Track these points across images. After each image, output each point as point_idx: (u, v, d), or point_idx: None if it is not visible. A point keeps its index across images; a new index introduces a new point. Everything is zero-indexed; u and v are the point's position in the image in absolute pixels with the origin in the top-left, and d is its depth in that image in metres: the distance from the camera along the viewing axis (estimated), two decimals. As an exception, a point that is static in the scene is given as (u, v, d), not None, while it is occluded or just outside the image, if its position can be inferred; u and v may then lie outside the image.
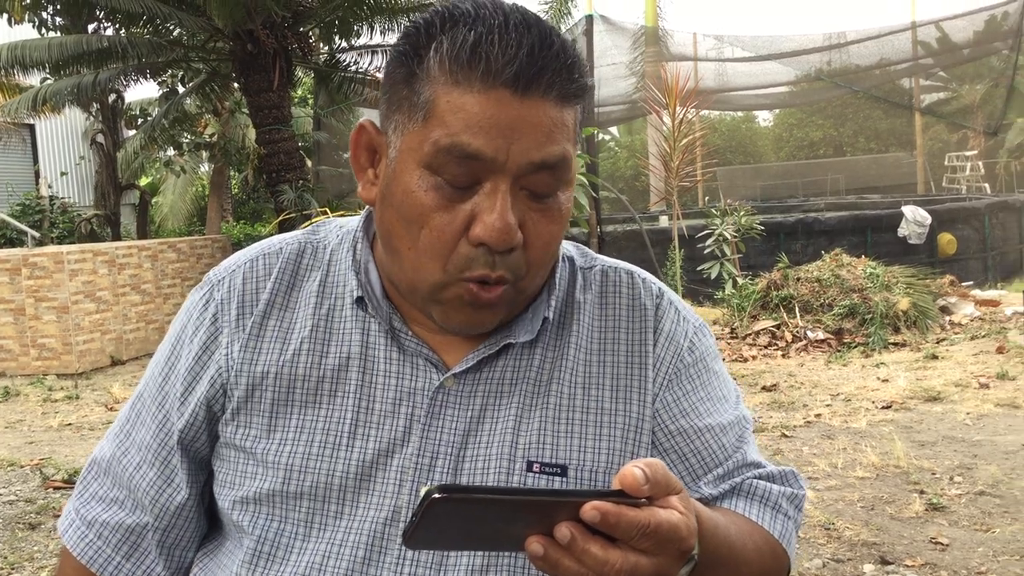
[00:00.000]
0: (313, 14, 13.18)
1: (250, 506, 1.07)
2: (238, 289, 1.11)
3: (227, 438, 1.09)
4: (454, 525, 0.73)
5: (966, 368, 8.01)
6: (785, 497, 1.11)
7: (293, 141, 13.28)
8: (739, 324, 10.16)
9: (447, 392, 1.05)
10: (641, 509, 0.75)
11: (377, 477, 1.04)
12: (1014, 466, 5.36)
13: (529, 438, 1.05)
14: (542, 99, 0.93)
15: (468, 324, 1.01)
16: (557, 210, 0.98)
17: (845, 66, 19.25)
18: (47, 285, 10.30)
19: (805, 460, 5.68)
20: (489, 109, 0.91)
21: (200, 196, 24.42)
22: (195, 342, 1.11)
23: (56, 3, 12.69)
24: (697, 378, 1.12)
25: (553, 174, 0.95)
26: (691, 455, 1.09)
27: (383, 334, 1.07)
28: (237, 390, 1.08)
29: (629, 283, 1.15)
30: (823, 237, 13.82)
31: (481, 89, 0.91)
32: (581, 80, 0.97)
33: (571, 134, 0.97)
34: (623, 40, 17.54)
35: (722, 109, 29.17)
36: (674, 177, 11.73)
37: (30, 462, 6.38)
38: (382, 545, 1.02)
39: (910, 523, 4.59)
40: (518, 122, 0.92)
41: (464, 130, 0.92)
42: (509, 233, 0.93)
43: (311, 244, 1.14)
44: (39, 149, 21.30)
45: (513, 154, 0.92)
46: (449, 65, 0.92)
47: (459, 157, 0.92)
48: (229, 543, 1.12)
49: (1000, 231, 15.97)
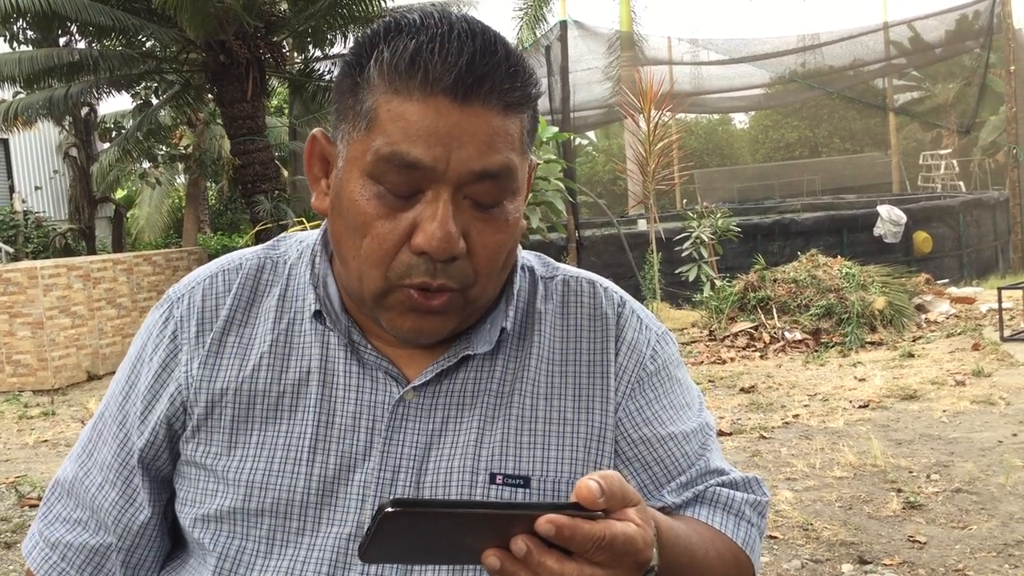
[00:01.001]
0: (286, 24, 13.15)
1: (211, 524, 1.06)
2: (197, 306, 1.11)
3: (188, 456, 1.08)
4: (409, 538, 0.73)
5: (942, 366, 8.05)
6: (748, 504, 1.10)
7: (268, 151, 13.25)
8: (717, 326, 10.19)
9: (407, 405, 1.05)
10: (596, 522, 0.75)
11: (339, 493, 1.03)
12: (990, 463, 5.39)
13: (492, 450, 1.04)
14: (483, 107, 0.92)
15: (416, 332, 0.99)
16: (503, 220, 0.97)
17: (819, 67, 19.38)
18: (21, 301, 10.22)
19: (783, 461, 5.69)
20: (428, 118, 0.91)
21: (176, 208, 24.30)
22: (155, 360, 1.10)
23: (26, 16, 12.59)
24: (660, 386, 1.12)
25: (496, 183, 0.95)
26: (654, 463, 1.08)
27: (342, 348, 1.06)
28: (197, 407, 1.07)
29: (591, 292, 1.14)
30: (799, 238, 13.90)
31: (420, 97, 0.91)
32: (525, 88, 0.96)
33: (516, 143, 0.96)
34: (598, 45, 17.60)
35: (698, 112, 29.33)
36: (651, 180, 11.77)
37: (5, 480, 6.31)
38: (346, 561, 1.01)
39: (888, 522, 4.61)
40: (457, 131, 0.91)
41: (403, 139, 0.91)
42: (449, 242, 0.92)
43: (271, 259, 1.14)
44: (12, 163, 21.15)
45: (453, 163, 0.92)
46: (388, 74, 0.92)
47: (399, 166, 0.92)
48: (193, 561, 1.11)
49: (975, 229, 16.10)
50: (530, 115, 0.99)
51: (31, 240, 18.11)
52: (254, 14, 11.98)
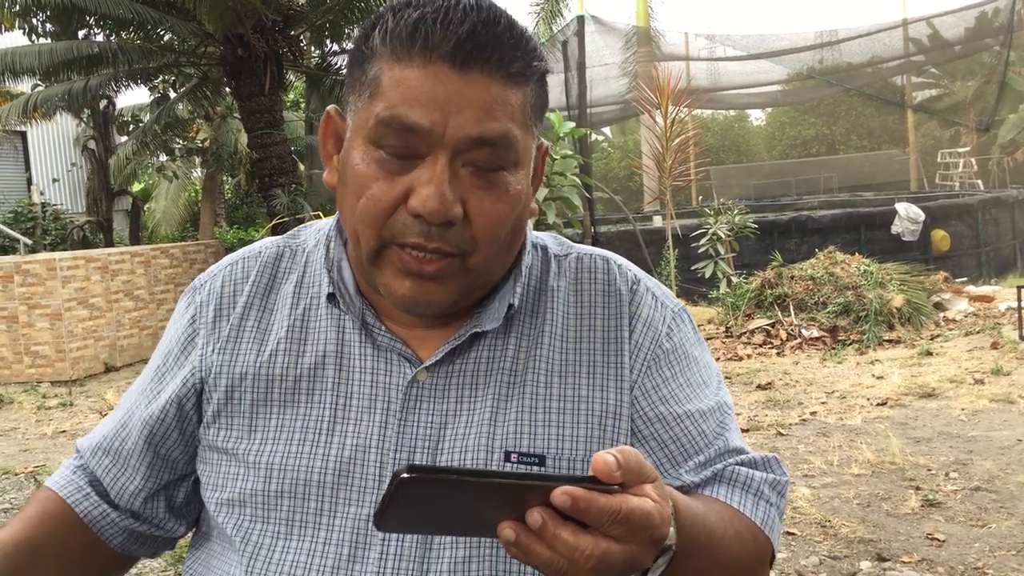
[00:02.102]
0: (303, 18, 13.16)
1: (234, 509, 1.07)
2: (216, 292, 1.14)
3: (210, 441, 1.11)
4: (424, 507, 0.73)
5: (961, 364, 8.01)
6: (767, 483, 1.09)
7: (285, 145, 13.26)
8: (734, 323, 10.16)
9: (420, 386, 1.05)
10: (613, 496, 0.75)
11: (356, 473, 1.04)
12: (1009, 461, 5.36)
13: (506, 428, 1.04)
14: (483, 75, 0.93)
15: (414, 299, 1.00)
16: (504, 189, 0.97)
17: (837, 64, 19.27)
18: (40, 292, 10.27)
19: (801, 458, 5.68)
20: (427, 83, 0.93)
21: (193, 201, 24.35)
22: (175, 344, 1.15)
23: (46, 9, 12.63)
24: (676, 364, 1.11)
25: (494, 151, 0.95)
26: (671, 442, 1.08)
27: (357, 331, 1.08)
28: (216, 392, 1.10)
29: (604, 268, 1.14)
30: (817, 235, 13.83)
31: (421, 64, 0.93)
32: (528, 60, 0.97)
33: (517, 115, 0.97)
34: (615, 40, 17.54)
35: (714, 108, 29.20)
36: (667, 177, 11.73)
37: (24, 470, 6.35)
38: (365, 542, 1.02)
39: (906, 519, 4.58)
40: (456, 96, 0.93)
41: (402, 103, 0.93)
42: (443, 204, 0.93)
43: (290, 247, 1.17)
44: (31, 156, 21.24)
45: (451, 128, 0.93)
46: (391, 42, 0.94)
47: (397, 129, 0.94)
48: (217, 547, 1.12)
49: (993, 227, 16.00)
50: (535, 90, 1.00)
51: (49, 232, 18.20)
52: (272, 8, 11.99)
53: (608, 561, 0.75)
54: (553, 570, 0.75)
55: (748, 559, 1.04)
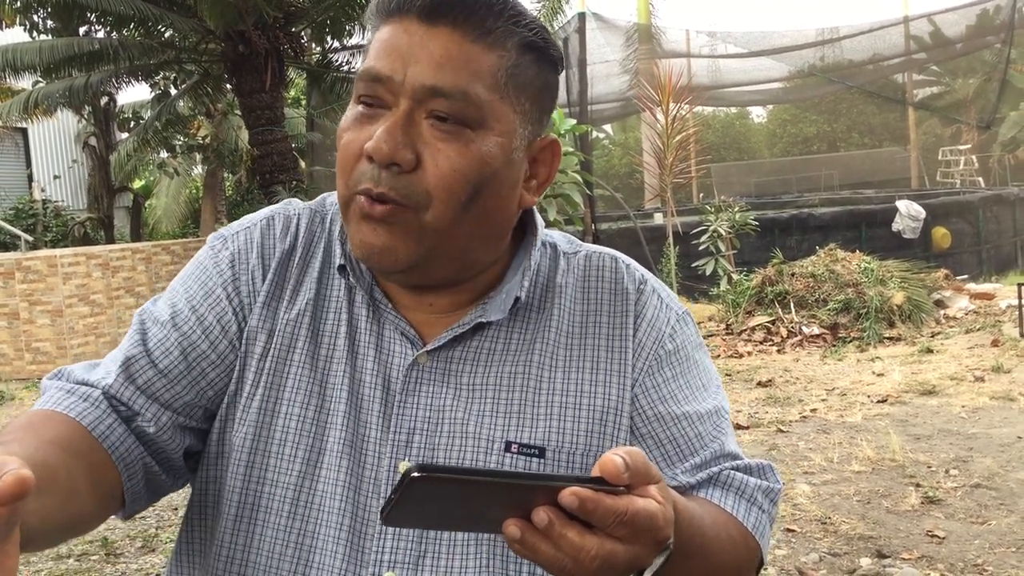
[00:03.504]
0: (305, 14, 13.17)
1: (243, 454, 1.06)
2: (256, 242, 1.12)
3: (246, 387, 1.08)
4: (432, 504, 0.73)
5: (961, 361, 8.01)
6: (761, 490, 1.10)
7: (286, 142, 13.27)
8: (734, 320, 10.16)
9: (421, 369, 1.06)
10: (619, 497, 0.75)
11: (359, 447, 1.04)
12: (1009, 459, 5.36)
13: (508, 419, 1.05)
14: (450, 29, 0.96)
15: (370, 246, 0.98)
16: (463, 145, 0.97)
17: (838, 61, 19.28)
18: (41, 289, 10.28)
19: (801, 455, 5.68)
20: (396, 36, 0.97)
21: (194, 198, 24.35)
22: (209, 282, 1.10)
23: (47, 6, 12.66)
24: (678, 365, 1.12)
25: (451, 103, 0.95)
26: (667, 442, 1.08)
27: (364, 304, 1.09)
28: (253, 339, 1.08)
29: (612, 267, 1.15)
30: (817, 232, 13.83)
31: (396, 20, 0.98)
32: (504, 23, 0.98)
33: (485, 75, 0.97)
34: (616, 37, 17.54)
35: (716, 105, 29.20)
36: (668, 174, 11.74)
37: (25, 466, 6.35)
38: (364, 517, 1.03)
39: (906, 516, 4.59)
40: (418, 48, 0.96)
41: (375, 56, 0.98)
42: (388, 143, 0.94)
43: (319, 213, 1.17)
44: (31, 152, 21.25)
45: (409, 76, 0.95)
46: (378, 5, 1.00)
47: (367, 80, 0.98)
48: (210, 500, 1.09)
49: (994, 224, 16.01)
50: (516, 59, 0.99)
51: (50, 229, 18.21)
52: (273, 4, 11.99)
53: (612, 561, 0.76)
54: (557, 568, 0.76)
55: (738, 563, 1.05)
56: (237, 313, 1.09)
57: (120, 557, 4.59)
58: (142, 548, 4.70)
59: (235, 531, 1.05)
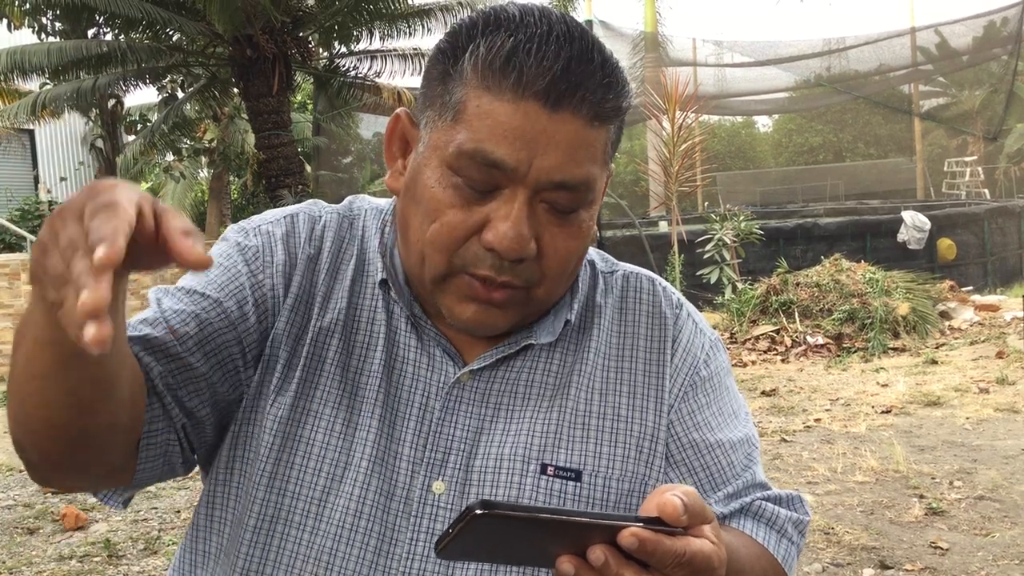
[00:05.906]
0: (312, 19, 13.20)
1: (274, 450, 1.02)
2: (280, 238, 1.08)
3: (254, 392, 1.05)
4: (489, 540, 0.74)
5: (966, 373, 8.00)
6: (791, 522, 1.10)
7: (292, 146, 13.30)
8: (739, 329, 10.15)
9: (462, 387, 1.05)
10: (677, 538, 0.76)
11: (389, 463, 1.02)
12: (1014, 471, 5.35)
13: (545, 440, 1.04)
14: (573, 116, 0.92)
15: (477, 323, 1.00)
16: (577, 227, 0.98)
17: (844, 72, 19.31)
18: (46, 290, 10.30)
19: (804, 465, 5.67)
20: (516, 119, 0.91)
21: (200, 201, 24.42)
22: (237, 267, 1.05)
23: (56, 8, 12.70)
24: (712, 392, 1.12)
25: (574, 195, 0.95)
26: (700, 470, 1.09)
27: (404, 319, 1.06)
28: (280, 341, 1.04)
29: (651, 290, 1.15)
30: (822, 242, 13.82)
31: (511, 99, 0.91)
32: (617, 100, 0.95)
33: (599, 155, 0.96)
34: (623, 46, 17.59)
35: (722, 114, 29.25)
36: (674, 182, 11.73)
37: (28, 467, 6.35)
38: (392, 537, 1.01)
39: (910, 528, 4.58)
40: (544, 137, 0.91)
41: (489, 137, 0.92)
42: (520, 243, 0.93)
43: (348, 218, 1.13)
44: (38, 154, 21.32)
45: (535, 168, 0.92)
46: (482, 69, 0.92)
47: (480, 163, 0.92)
48: (224, 506, 1.06)
49: (1000, 236, 15.99)
50: (618, 125, 0.99)
51: (56, 230, 18.21)
52: (281, 9, 12.03)
53: None
54: None
55: None
56: (259, 306, 1.04)
57: (122, 559, 4.59)
58: (144, 550, 4.70)
59: (253, 542, 1.02)
